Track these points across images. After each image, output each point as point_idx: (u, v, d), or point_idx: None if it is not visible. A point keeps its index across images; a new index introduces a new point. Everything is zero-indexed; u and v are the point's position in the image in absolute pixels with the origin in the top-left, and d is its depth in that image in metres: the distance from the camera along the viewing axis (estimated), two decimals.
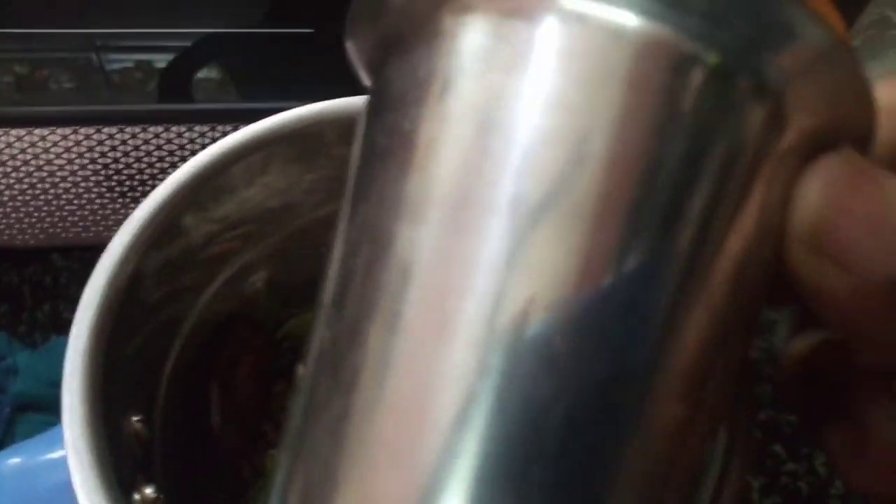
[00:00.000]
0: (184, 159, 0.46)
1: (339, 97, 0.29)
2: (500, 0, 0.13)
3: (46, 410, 0.43)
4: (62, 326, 0.49)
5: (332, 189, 0.32)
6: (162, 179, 0.27)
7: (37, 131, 0.42)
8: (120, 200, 0.46)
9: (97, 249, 0.53)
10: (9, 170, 0.43)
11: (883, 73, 0.15)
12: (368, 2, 0.15)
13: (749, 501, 0.45)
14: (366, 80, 0.17)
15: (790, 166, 0.14)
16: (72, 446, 0.21)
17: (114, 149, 0.43)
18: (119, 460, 0.22)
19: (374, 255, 0.14)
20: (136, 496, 0.22)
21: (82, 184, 0.44)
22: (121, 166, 0.44)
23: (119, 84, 0.49)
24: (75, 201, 0.45)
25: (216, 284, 0.30)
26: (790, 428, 0.48)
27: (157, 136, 0.43)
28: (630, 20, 0.13)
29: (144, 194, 0.46)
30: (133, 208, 0.26)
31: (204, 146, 0.41)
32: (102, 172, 0.44)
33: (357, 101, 0.29)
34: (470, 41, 0.14)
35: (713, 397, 0.14)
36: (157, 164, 0.45)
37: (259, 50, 0.50)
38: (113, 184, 0.45)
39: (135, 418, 0.24)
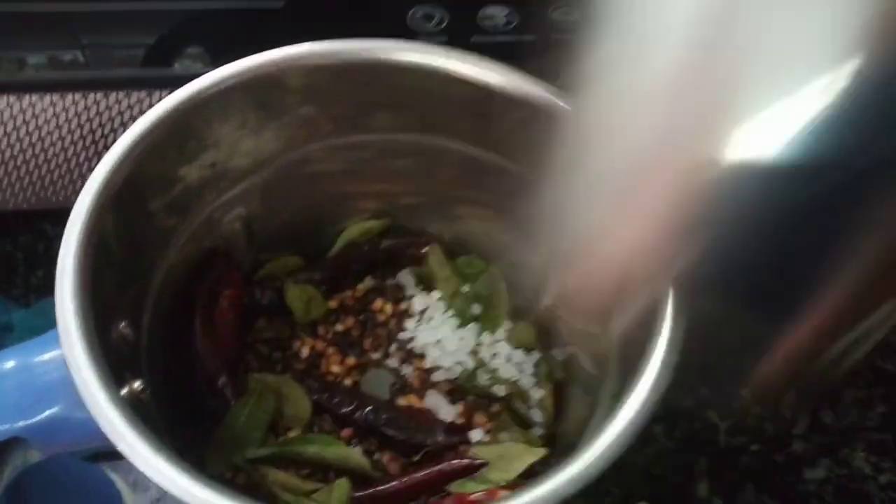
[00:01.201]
0: None
1: None
2: None
3: None
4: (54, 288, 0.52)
5: (297, 136, 0.35)
6: None
7: (26, 98, 0.44)
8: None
9: None
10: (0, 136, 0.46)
11: None
12: None
13: (716, 442, 0.48)
14: None
15: None
16: (66, 341, 0.24)
17: (99, 114, 0.46)
18: (108, 356, 0.25)
19: None
20: (125, 389, 0.25)
21: (70, 149, 0.47)
22: (107, 131, 0.47)
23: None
24: (64, 166, 0.48)
25: (195, 221, 0.33)
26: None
27: (140, 101, 0.46)
28: None
29: None
30: None
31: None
32: (89, 137, 0.47)
33: (316, 47, 0.32)
34: None
35: None
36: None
37: (234, 25, 0.53)
38: (100, 149, 0.47)
39: (122, 323, 0.27)
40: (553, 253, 0.26)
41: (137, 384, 0.26)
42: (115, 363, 0.25)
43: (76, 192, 0.51)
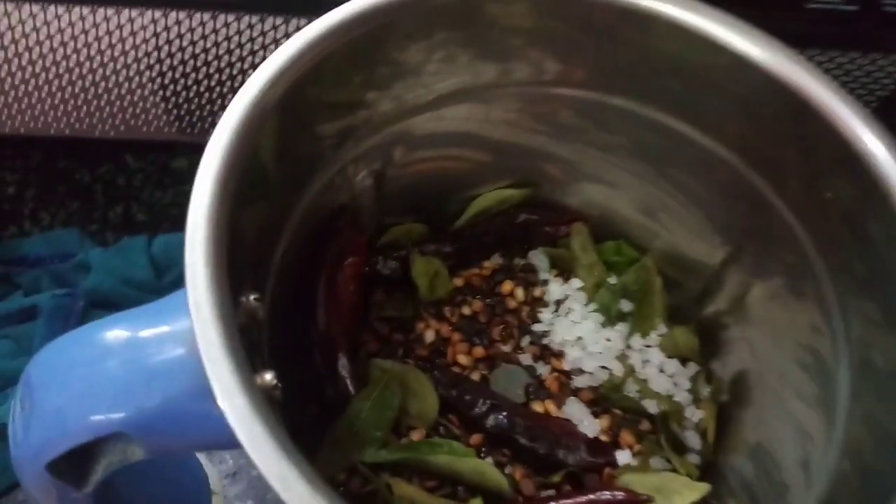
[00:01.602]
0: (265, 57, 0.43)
1: None
2: None
3: (119, 308, 0.41)
4: (135, 228, 0.47)
5: (482, 73, 0.29)
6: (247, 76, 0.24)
7: (125, 12, 0.39)
8: (195, 101, 0.44)
9: (174, 152, 0.51)
10: (91, 53, 0.41)
11: None
12: None
13: None
14: None
15: None
16: (198, 315, 0.18)
17: (192, 43, 0.40)
18: (241, 337, 0.19)
19: None
20: (257, 380, 0.20)
21: (167, 73, 0.42)
22: (209, 58, 0.41)
23: None
24: (160, 94, 0.42)
25: (332, 170, 0.27)
26: None
27: (273, 27, 0.40)
28: None
29: (224, 97, 0.43)
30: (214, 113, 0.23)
31: (288, 36, 0.37)
32: (188, 63, 0.41)
33: None
34: None
35: None
36: (238, 64, 0.42)
37: None
38: (204, 77, 0.42)
39: (252, 296, 0.21)
40: None
41: (269, 377, 0.20)
42: (247, 346, 0.20)
43: (169, 125, 0.47)
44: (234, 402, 0.18)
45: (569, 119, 0.31)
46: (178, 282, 0.45)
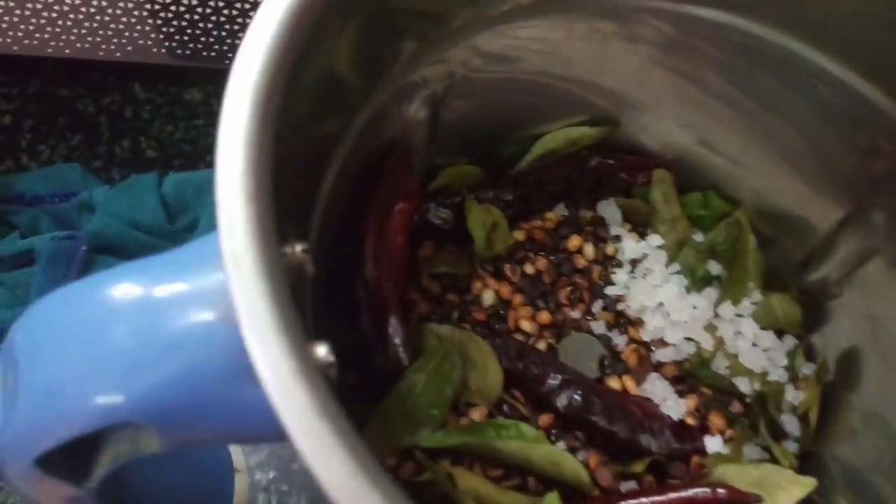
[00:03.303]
0: None
1: None
2: None
3: (126, 255, 0.37)
4: (143, 164, 0.42)
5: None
6: None
7: None
8: (212, 18, 0.38)
9: (186, 81, 0.46)
10: None
11: None
12: None
13: None
14: None
15: None
16: (236, 275, 0.14)
17: None
18: (291, 301, 0.15)
19: None
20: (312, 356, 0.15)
21: None
22: None
23: None
24: (166, 8, 0.37)
25: (386, 93, 0.22)
26: None
27: None
28: None
29: (247, 14, 0.38)
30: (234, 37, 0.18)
31: None
32: None
33: None
34: None
35: None
36: None
37: None
38: None
39: (299, 246, 0.17)
40: None
41: (323, 350, 0.16)
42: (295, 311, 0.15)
43: (182, 47, 0.41)
44: (289, 390, 0.13)
45: (663, 39, 0.26)
46: (192, 227, 0.40)
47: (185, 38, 0.39)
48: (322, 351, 0.16)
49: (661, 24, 0.26)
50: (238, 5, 0.37)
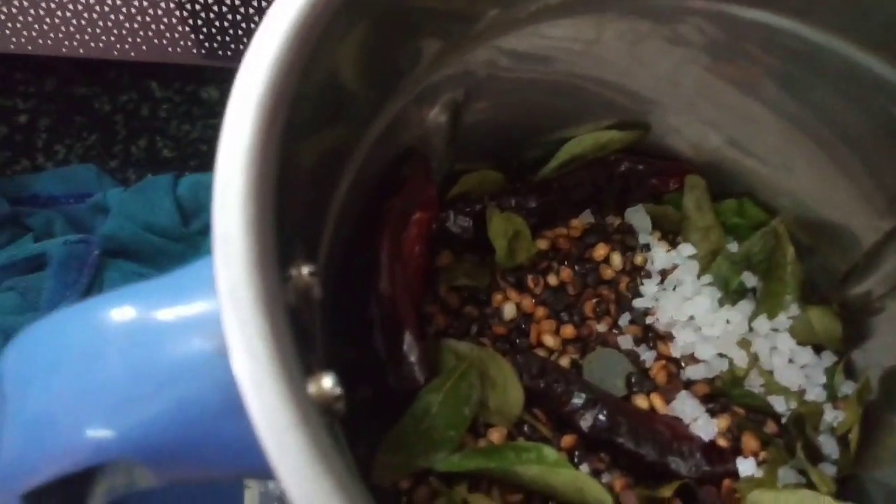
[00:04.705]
0: None
1: None
2: None
3: (139, 259, 0.36)
4: (159, 165, 0.42)
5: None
6: None
7: None
8: (228, 17, 0.37)
9: (204, 79, 0.45)
10: None
11: None
12: None
13: None
14: None
15: None
16: (231, 304, 0.12)
17: None
18: (291, 328, 0.13)
19: None
20: (312, 387, 0.14)
21: None
22: None
23: None
24: (181, 7, 0.36)
25: (405, 99, 0.21)
26: None
27: None
28: None
29: (263, 13, 0.37)
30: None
31: None
32: None
33: None
34: None
35: None
36: None
37: None
38: None
39: (306, 268, 0.16)
40: None
41: (329, 382, 0.14)
42: (298, 339, 0.14)
43: (198, 46, 0.40)
44: (284, 441, 0.12)
45: (705, 41, 0.24)
46: (207, 230, 0.39)
47: (202, 36, 0.38)
48: (328, 383, 0.15)
49: (704, 25, 0.24)
50: (255, 3, 0.35)
